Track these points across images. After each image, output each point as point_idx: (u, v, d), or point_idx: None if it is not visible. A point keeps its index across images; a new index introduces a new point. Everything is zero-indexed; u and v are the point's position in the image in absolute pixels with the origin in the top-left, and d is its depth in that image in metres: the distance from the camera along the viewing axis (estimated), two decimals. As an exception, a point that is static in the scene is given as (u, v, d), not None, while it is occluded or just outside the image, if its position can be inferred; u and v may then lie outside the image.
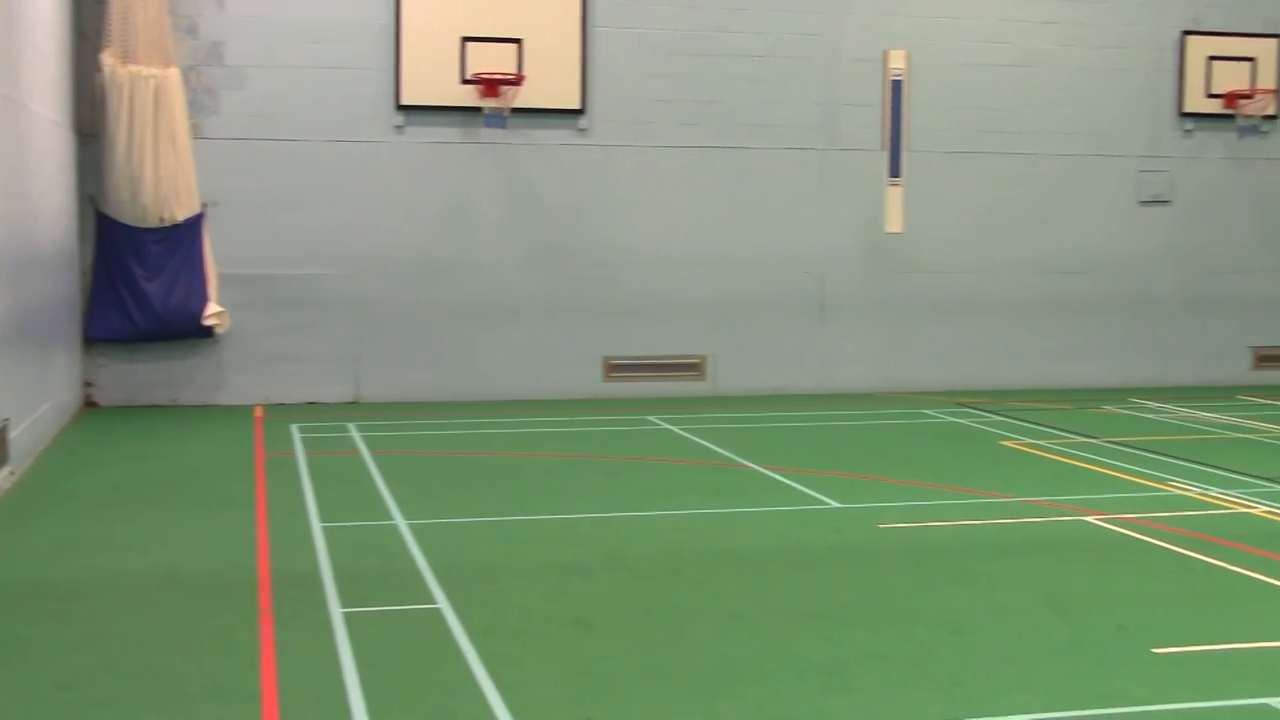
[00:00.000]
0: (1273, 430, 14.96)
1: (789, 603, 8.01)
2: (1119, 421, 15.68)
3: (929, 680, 6.61)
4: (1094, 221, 18.82)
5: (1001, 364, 18.59)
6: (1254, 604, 8.02)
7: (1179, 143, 19.01)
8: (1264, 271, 19.39)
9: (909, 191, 17.62)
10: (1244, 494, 11.26)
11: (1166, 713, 6.17)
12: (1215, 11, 18.94)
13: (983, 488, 11.52)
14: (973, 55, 18.28)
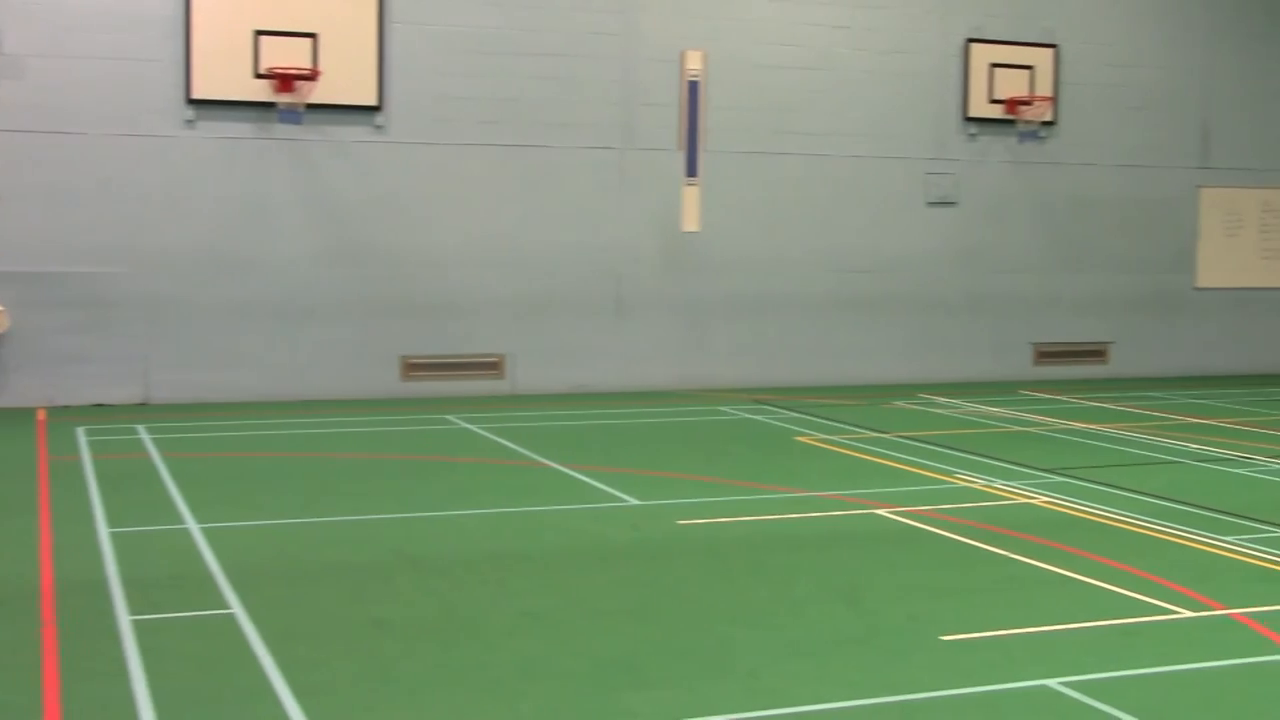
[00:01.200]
0: (1053, 424, 15.55)
1: (588, 600, 8.04)
2: (908, 416, 16.13)
3: (727, 674, 6.72)
4: (884, 221, 19.32)
5: (796, 361, 18.96)
6: (1035, 590, 8.33)
7: (964, 146, 19.63)
8: (1044, 271, 20.15)
9: (706, 191, 17.84)
10: (1026, 485, 11.68)
11: (954, 698, 6.37)
12: (997, 21, 19.61)
13: (778, 483, 11.73)
14: (767, 57, 18.60)
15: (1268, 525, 10.16)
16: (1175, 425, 15.53)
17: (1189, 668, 6.85)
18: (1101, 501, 11.02)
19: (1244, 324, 21.42)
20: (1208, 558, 9.21)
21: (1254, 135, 21.23)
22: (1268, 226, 21.43)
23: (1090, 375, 20.36)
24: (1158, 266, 20.81)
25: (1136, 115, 20.51)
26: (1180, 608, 7.89)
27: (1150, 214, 20.71)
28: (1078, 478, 12.09)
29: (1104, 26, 20.24)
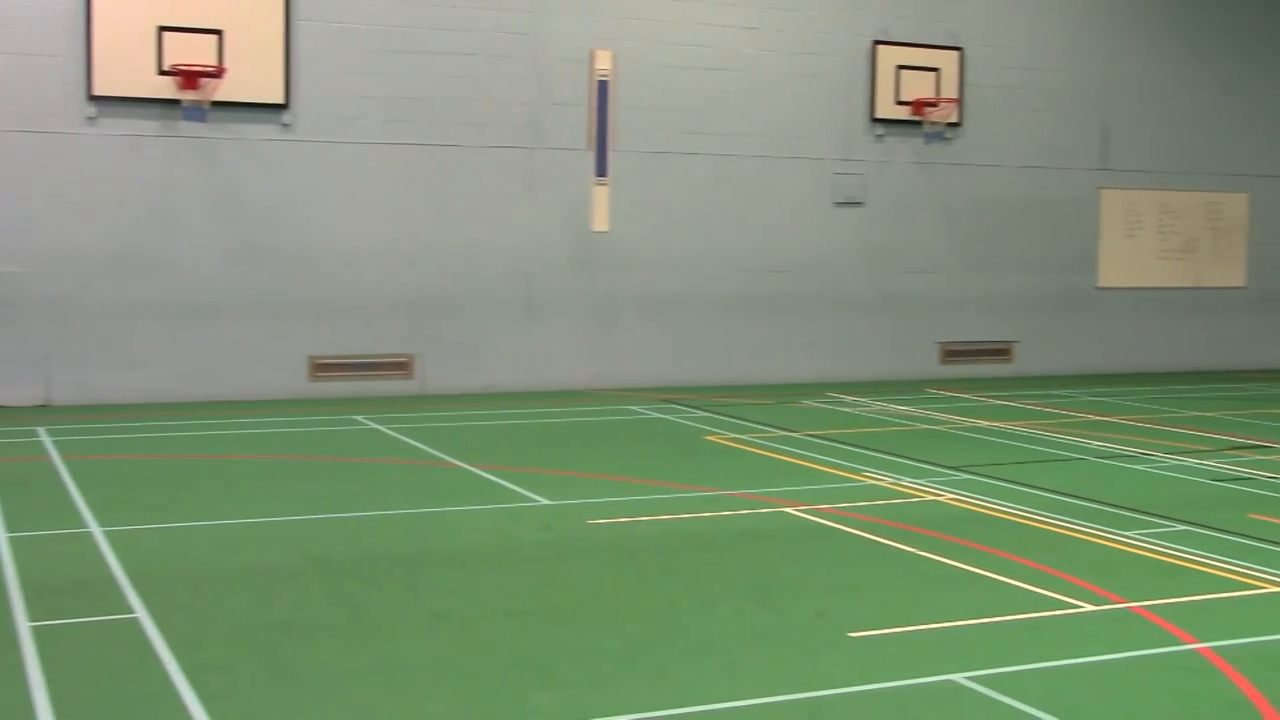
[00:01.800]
0: (959, 421, 15.74)
1: (498, 601, 8.02)
2: (817, 415, 16.25)
3: (637, 673, 6.73)
4: (792, 221, 19.45)
5: (706, 360, 19.04)
6: (941, 587, 8.43)
7: (871, 147, 19.82)
8: (949, 271, 20.39)
9: (615, 190, 17.86)
10: (933, 483, 11.82)
11: (863, 694, 6.43)
12: (903, 23, 19.82)
13: (689, 482, 11.77)
14: (676, 57, 18.65)
15: (1167, 520, 10.36)
16: (1078, 422, 15.78)
17: (1091, 660, 6.96)
18: (1006, 498, 11.17)
19: (1143, 323, 21.83)
20: (1109, 552, 9.37)
21: (1152, 138, 21.64)
22: (1165, 227, 21.86)
23: (995, 374, 20.64)
24: (1060, 266, 21.15)
25: (1039, 117, 20.82)
26: (1082, 602, 8.02)
27: (1053, 215, 21.04)
28: (983, 475, 12.25)
29: (1008, 30, 20.53)
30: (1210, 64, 21.95)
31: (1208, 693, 6.53)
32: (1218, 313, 22.36)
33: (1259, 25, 22.28)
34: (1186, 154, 21.94)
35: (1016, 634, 7.41)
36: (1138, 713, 6.26)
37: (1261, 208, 22.54)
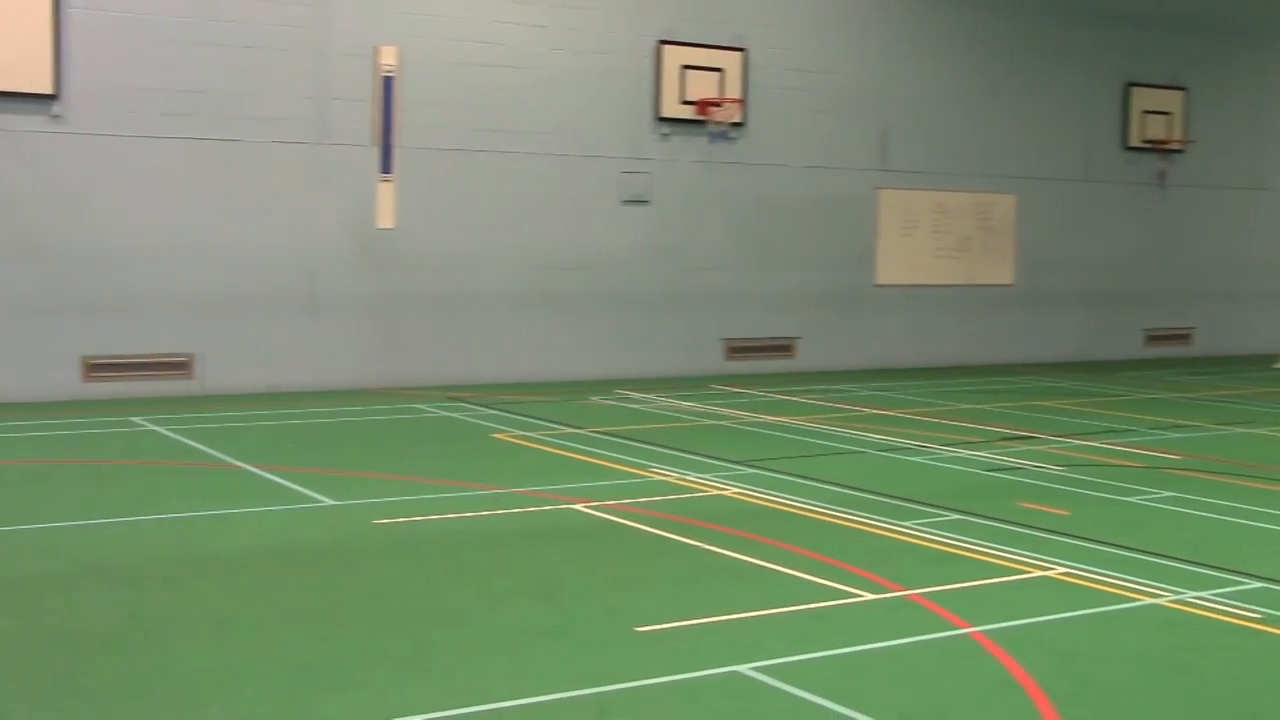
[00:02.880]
0: (744, 416, 16.01)
1: (282, 604, 7.88)
2: (605, 412, 16.35)
3: (424, 674, 6.68)
4: (580, 219, 19.52)
5: (494, 358, 18.98)
6: (727, 579, 8.56)
7: (657, 146, 20.01)
8: (734, 269, 20.71)
9: (402, 187, 17.69)
10: (718, 477, 11.99)
11: (650, 687, 6.49)
12: (688, 24, 20.06)
13: (476, 480, 11.73)
14: (464, 54, 18.55)
15: (942, 510, 10.70)
16: (858, 416, 16.19)
17: (871, 647, 7.15)
18: (789, 491, 11.40)
19: (920, 319, 22.52)
20: (888, 542, 9.64)
21: (927, 141, 22.33)
22: (940, 227, 22.58)
23: (778, 369, 21.05)
24: (841, 264, 21.67)
25: (821, 119, 21.30)
26: (862, 591, 8.24)
27: (834, 214, 21.54)
28: (767, 469, 12.48)
29: (790, 32, 20.95)
30: (981, 70, 22.76)
31: (980, 674, 6.77)
32: (989, 309, 23.20)
33: (1025, 33, 23.17)
34: (959, 156, 22.70)
35: (800, 624, 7.57)
36: (915, 696, 6.46)
37: (1028, 208, 23.45)
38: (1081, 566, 8.91)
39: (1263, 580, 8.66)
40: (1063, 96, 23.71)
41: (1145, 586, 8.44)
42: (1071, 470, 12.64)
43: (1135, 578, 8.64)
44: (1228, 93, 25.69)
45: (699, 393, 18.27)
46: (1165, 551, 9.39)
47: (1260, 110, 26.18)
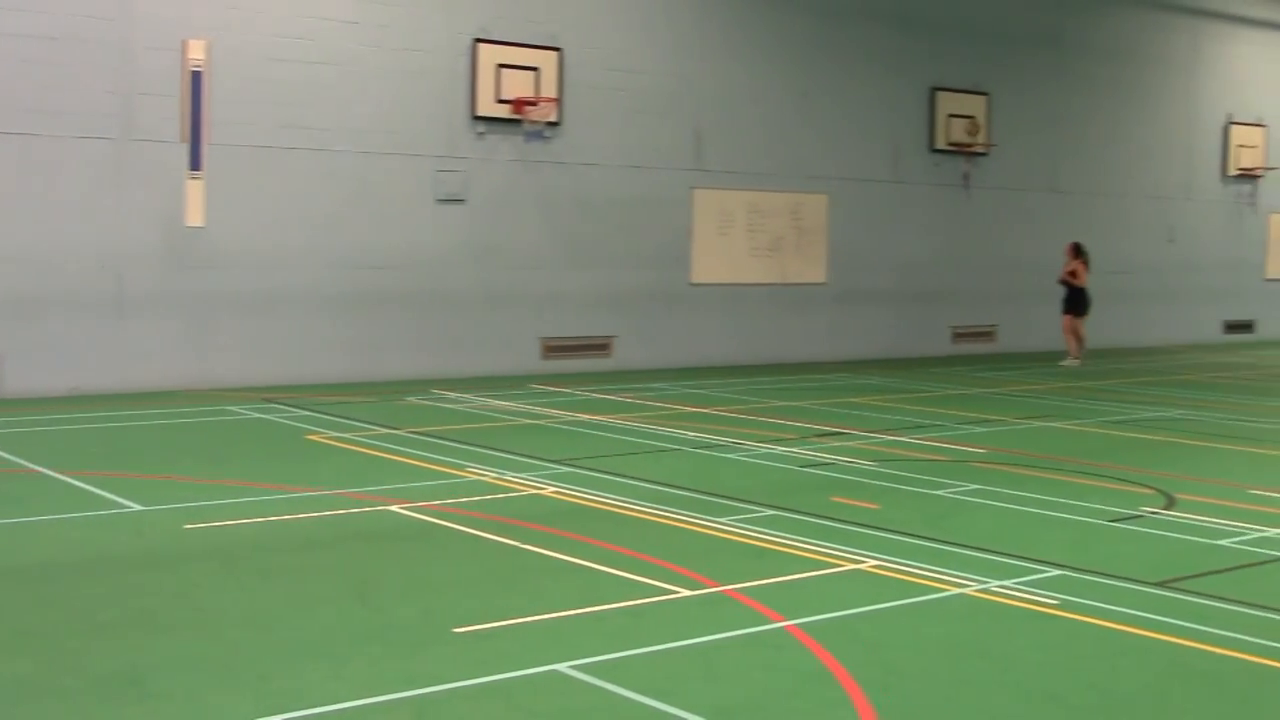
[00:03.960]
0: (561, 415, 16.03)
1: (88, 613, 7.65)
2: (421, 412, 16.23)
3: (237, 680, 6.55)
4: (396, 218, 19.34)
5: (308, 358, 18.70)
6: (545, 579, 8.57)
7: (473, 144, 19.93)
8: (550, 267, 20.74)
9: (211, 185, 17.32)
10: (536, 476, 12.00)
11: (469, 688, 6.47)
12: (503, 22, 20.02)
13: (289, 482, 11.54)
14: (275, 50, 18.23)
15: (757, 506, 10.87)
16: (674, 414, 16.35)
17: (688, 643, 7.23)
18: (607, 489, 11.46)
19: (735, 317, 22.83)
20: (704, 539, 9.75)
21: (740, 141, 22.65)
22: (754, 226, 22.92)
23: (596, 368, 21.14)
24: (656, 263, 21.85)
25: (637, 119, 21.45)
26: (680, 587, 8.32)
27: (649, 213, 21.72)
28: (584, 467, 12.52)
29: (605, 32, 21.05)
30: (793, 73, 23.16)
31: (794, 667, 6.89)
32: (802, 307, 23.62)
33: (836, 37, 23.65)
34: (772, 156, 23.07)
35: (618, 621, 7.62)
36: (731, 690, 6.55)
37: (839, 208, 23.95)
38: (891, 559, 9.13)
39: (1060, 568, 8.98)
40: (872, 99, 24.27)
41: (952, 577, 8.69)
42: (882, 465, 12.95)
43: (942, 569, 8.89)
44: (1026, 98, 26.58)
45: (516, 392, 18.24)
46: (970, 542, 9.68)
47: (1056, 115, 27.15)
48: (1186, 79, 29.75)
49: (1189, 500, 11.43)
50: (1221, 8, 30.32)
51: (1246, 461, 13.84)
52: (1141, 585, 8.59)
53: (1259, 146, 31.07)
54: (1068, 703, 6.50)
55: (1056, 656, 7.18)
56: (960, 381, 20.96)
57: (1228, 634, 7.55)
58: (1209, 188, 30.47)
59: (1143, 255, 29.08)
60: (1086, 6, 27.62)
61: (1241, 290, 31.48)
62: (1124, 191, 28.68)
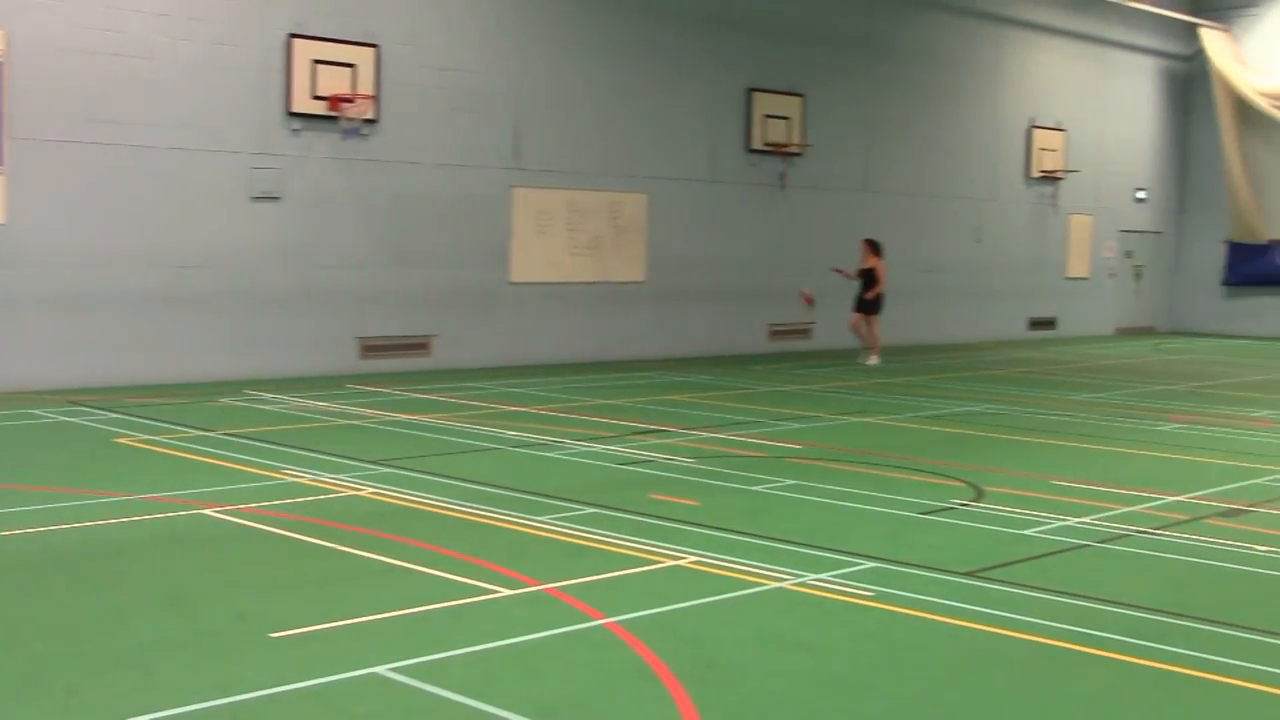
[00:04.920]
0: (378, 416, 15.86)
1: (-118, 626, 7.34)
2: (235, 413, 15.90)
3: (44, 693, 6.35)
4: (209, 216, 18.91)
5: (117, 360, 18.17)
6: (364, 581, 8.48)
7: (288, 141, 19.59)
8: (369, 266, 20.50)
9: (12, 180, 16.73)
10: (353, 477, 11.86)
11: (286, 693, 6.37)
12: (319, 18, 19.71)
13: (97, 487, 11.21)
14: (79, 41, 17.67)
15: (576, 504, 10.89)
16: (494, 413, 16.30)
17: (509, 642, 7.22)
18: (425, 490, 11.38)
19: (555, 316, 22.84)
20: (524, 538, 9.75)
21: (559, 140, 22.67)
22: (573, 225, 22.97)
23: (415, 367, 20.96)
24: (476, 262, 21.75)
25: (455, 117, 21.32)
26: (500, 587, 8.31)
27: (469, 212, 21.61)
28: (403, 468, 12.42)
29: (423, 30, 20.87)
30: (612, 72, 23.26)
31: (615, 664, 6.93)
32: (621, 306, 23.75)
33: (654, 38, 23.83)
34: (591, 155, 23.14)
35: (438, 622, 7.57)
36: (552, 688, 6.56)
37: (658, 208, 24.13)
38: (710, 554, 9.24)
39: (875, 560, 9.19)
40: (690, 100, 24.50)
41: (770, 571, 8.83)
42: (701, 462, 13.09)
43: (760, 563, 9.02)
44: (841, 100, 27.12)
45: (333, 392, 17.99)
46: (788, 537, 9.85)
47: (869, 117, 27.75)
48: (992, 83, 30.68)
49: (996, 492, 11.79)
50: (1024, 16, 31.32)
51: (1050, 454, 14.32)
52: (952, 575, 8.84)
53: (1059, 150, 32.19)
54: (883, 692, 6.65)
55: (871, 647, 7.35)
56: (778, 379, 21.30)
57: (1033, 620, 7.81)
58: (1013, 189, 31.46)
59: (952, 254, 29.91)
60: (898, 11, 28.29)
61: (1044, 288, 32.57)
62: (934, 192, 29.45)
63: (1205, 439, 15.52)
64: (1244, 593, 8.72)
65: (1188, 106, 35.89)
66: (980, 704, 6.53)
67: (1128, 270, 35.20)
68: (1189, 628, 7.78)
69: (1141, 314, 35.83)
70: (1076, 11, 32.45)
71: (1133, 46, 34.25)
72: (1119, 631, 7.64)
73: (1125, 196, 34.68)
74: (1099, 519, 10.75)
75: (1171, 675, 6.95)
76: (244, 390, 17.91)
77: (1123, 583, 8.81)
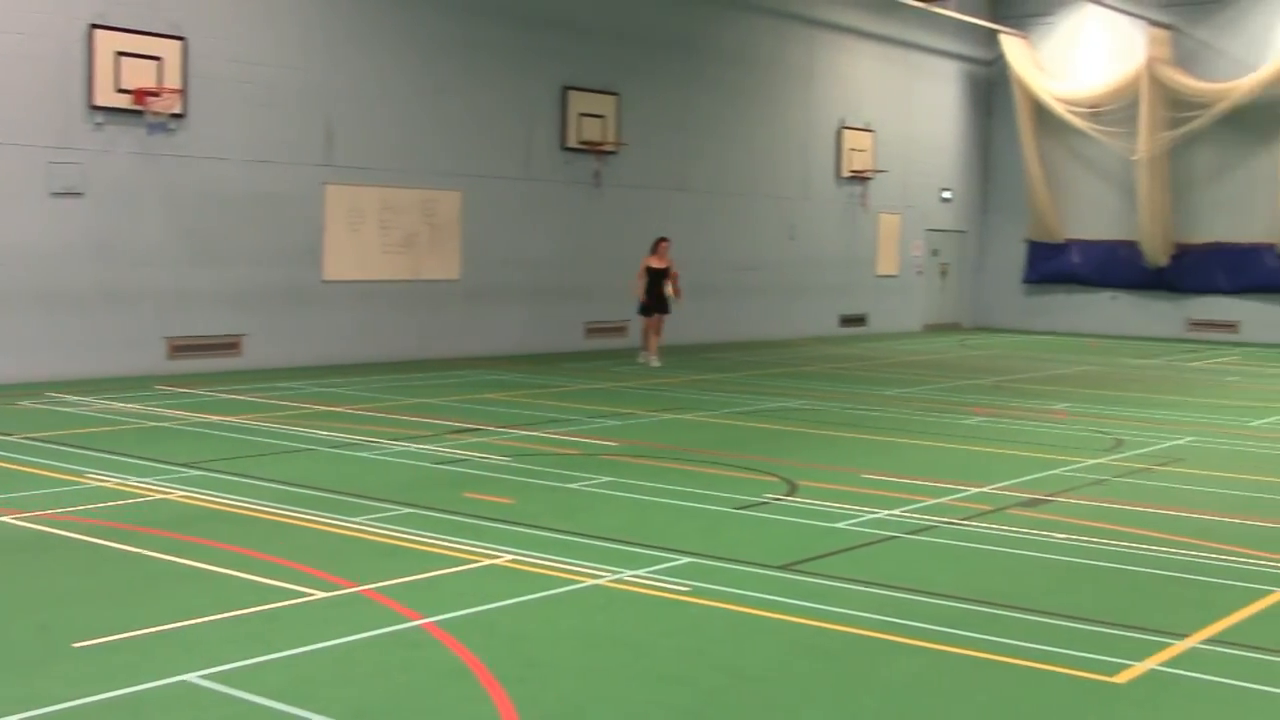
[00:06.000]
0: (187, 417, 15.49)
1: None
2: (37, 417, 15.37)
3: None
4: (5, 211, 18.23)
5: (-93, 362, 17.44)
6: (173, 587, 8.27)
7: (91, 135, 18.99)
8: (175, 264, 19.99)
9: None
10: (161, 481, 11.56)
11: (92, 705, 6.18)
12: (122, 9, 19.15)
13: (-112, 495, 10.75)
14: None
15: (391, 504, 10.79)
16: (307, 414, 16.04)
17: (324, 645, 7.12)
18: (236, 492, 11.16)
19: (368, 314, 22.57)
20: (338, 539, 9.62)
21: (372, 136, 22.40)
22: (387, 223, 22.72)
23: (225, 367, 20.51)
24: (288, 260, 21.37)
25: (265, 112, 20.91)
26: (314, 589, 8.19)
27: (280, 209, 21.22)
28: (213, 470, 12.15)
29: (230, 22, 20.43)
30: (426, 68, 23.07)
31: (432, 664, 6.89)
32: (436, 304, 23.57)
33: (469, 34, 23.70)
34: (405, 153, 22.92)
35: (251, 627, 7.43)
36: (368, 691, 6.49)
37: (473, 205, 24.01)
38: (527, 553, 9.23)
39: (690, 555, 9.28)
40: (505, 97, 24.43)
41: (586, 568, 8.86)
42: (516, 460, 13.07)
43: (577, 560, 9.05)
44: (656, 99, 27.32)
45: (139, 394, 17.50)
46: (604, 534, 9.89)
47: (684, 116, 28.01)
48: (804, 85, 31.21)
49: (809, 486, 12.01)
50: (835, 19, 31.94)
51: (861, 448, 14.64)
52: (766, 569, 8.98)
53: (868, 150, 32.91)
54: (698, 685, 6.73)
55: (687, 641, 7.43)
56: (594, 376, 21.37)
57: (845, 611, 7.98)
58: (825, 188, 32.06)
59: (766, 252, 30.35)
60: (713, 12, 28.60)
61: (855, 286, 33.26)
62: (748, 191, 29.86)
63: (1007, 432, 16.03)
64: (1044, 579, 9.03)
65: (990, 110, 37.00)
66: (793, 695, 6.65)
67: (934, 268, 36.16)
68: (993, 614, 8.03)
69: (947, 311, 36.84)
70: (885, 16, 33.20)
71: (938, 51, 35.19)
72: (927, 620, 7.84)
73: (932, 196, 35.62)
74: (907, 511, 11.03)
75: (978, 661, 7.17)
76: (45, 393, 17.32)
77: (930, 572, 9.05)
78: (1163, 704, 6.63)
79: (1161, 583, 8.97)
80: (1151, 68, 33.39)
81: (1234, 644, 7.55)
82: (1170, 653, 7.36)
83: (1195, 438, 15.79)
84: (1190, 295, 34.26)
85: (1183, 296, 34.39)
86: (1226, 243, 33.53)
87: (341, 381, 19.55)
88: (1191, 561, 9.51)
